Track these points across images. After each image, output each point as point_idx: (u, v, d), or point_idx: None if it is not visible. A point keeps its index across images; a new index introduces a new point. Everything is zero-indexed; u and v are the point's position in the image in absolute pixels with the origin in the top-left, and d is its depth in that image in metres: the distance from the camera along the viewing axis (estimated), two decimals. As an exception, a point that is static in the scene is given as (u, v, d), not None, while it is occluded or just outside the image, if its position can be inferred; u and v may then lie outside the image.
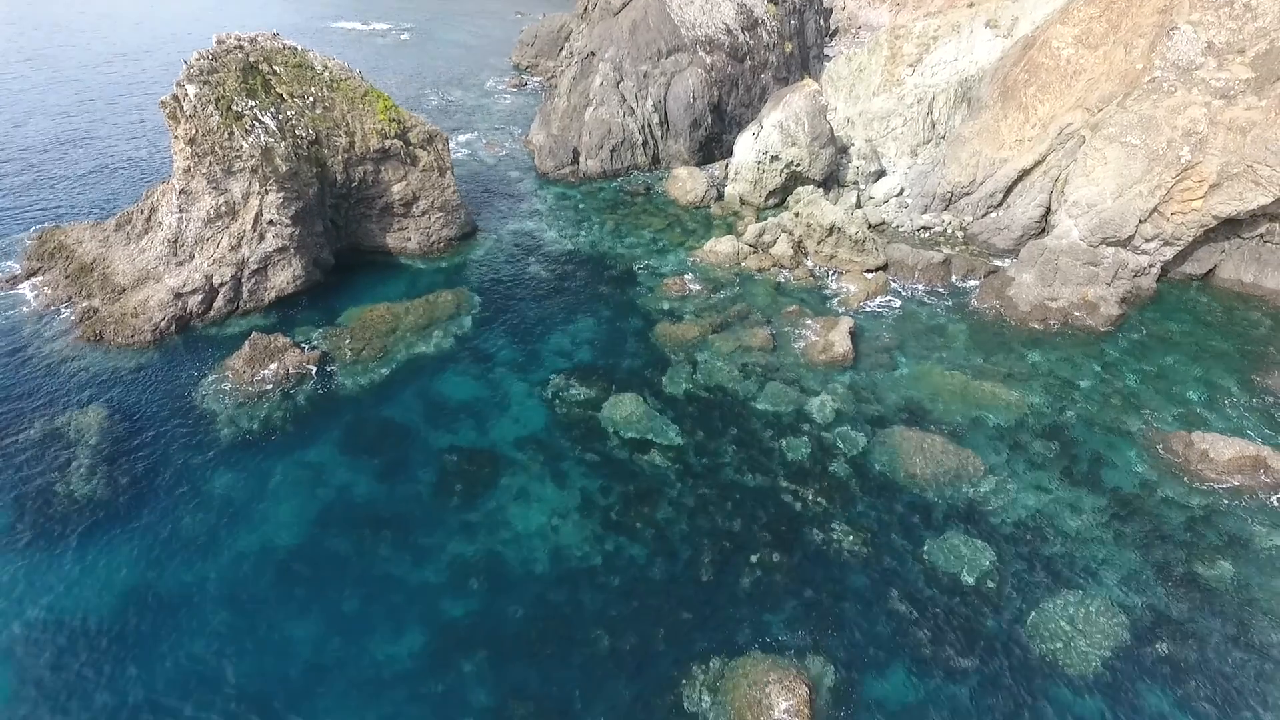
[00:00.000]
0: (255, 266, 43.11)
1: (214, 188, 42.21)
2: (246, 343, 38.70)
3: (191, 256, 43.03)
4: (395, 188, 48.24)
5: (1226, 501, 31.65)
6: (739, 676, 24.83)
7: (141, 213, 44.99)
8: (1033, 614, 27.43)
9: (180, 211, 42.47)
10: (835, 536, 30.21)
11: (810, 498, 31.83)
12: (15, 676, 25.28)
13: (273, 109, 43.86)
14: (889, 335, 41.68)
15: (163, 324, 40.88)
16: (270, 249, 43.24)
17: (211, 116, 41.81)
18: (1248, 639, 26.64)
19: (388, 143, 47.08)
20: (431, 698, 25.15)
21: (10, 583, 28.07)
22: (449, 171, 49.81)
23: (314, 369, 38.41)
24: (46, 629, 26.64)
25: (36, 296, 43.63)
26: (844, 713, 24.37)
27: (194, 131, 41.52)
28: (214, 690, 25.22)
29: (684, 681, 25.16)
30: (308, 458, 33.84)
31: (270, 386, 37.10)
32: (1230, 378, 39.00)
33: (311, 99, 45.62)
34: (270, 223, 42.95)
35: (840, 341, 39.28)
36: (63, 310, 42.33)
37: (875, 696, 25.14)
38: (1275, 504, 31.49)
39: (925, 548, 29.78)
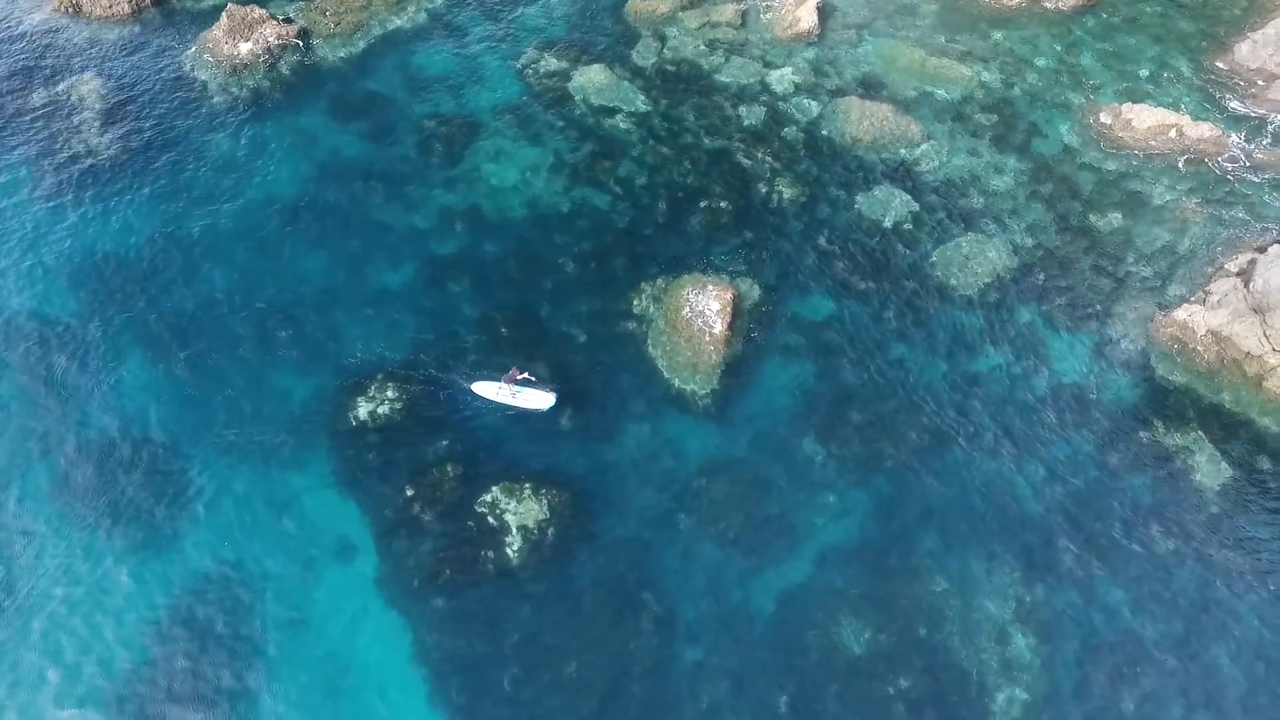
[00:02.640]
0: (220, -65, 43.17)
1: None
2: (224, 14, 40.38)
3: (153, -77, 43.00)
4: None
5: (1137, 165, 35.66)
6: (678, 287, 30.61)
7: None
8: (937, 251, 32.69)
9: None
10: (778, 189, 34.70)
11: (760, 156, 35.88)
12: (66, 299, 31.03)
13: None
14: (858, 13, 43.02)
15: (137, -5, 42.13)
16: (233, -85, 43.00)
17: None
18: (1112, 271, 32.07)
19: None
20: (426, 310, 31.14)
21: (39, 227, 33.00)
22: None
23: (300, 43, 40.46)
24: (85, 265, 31.98)
25: (1, -32, 44.22)
26: (766, 309, 30.58)
27: None
28: (241, 307, 31.15)
29: (634, 294, 31.05)
30: (299, 123, 37.35)
31: (255, 58, 39.46)
32: (1184, 58, 41.12)
33: None
34: (229, -116, 42.29)
35: (806, 17, 40.90)
36: (33, -19, 43.27)
37: (793, 309, 31.14)
38: (1181, 166, 35.50)
39: (857, 199, 34.41)
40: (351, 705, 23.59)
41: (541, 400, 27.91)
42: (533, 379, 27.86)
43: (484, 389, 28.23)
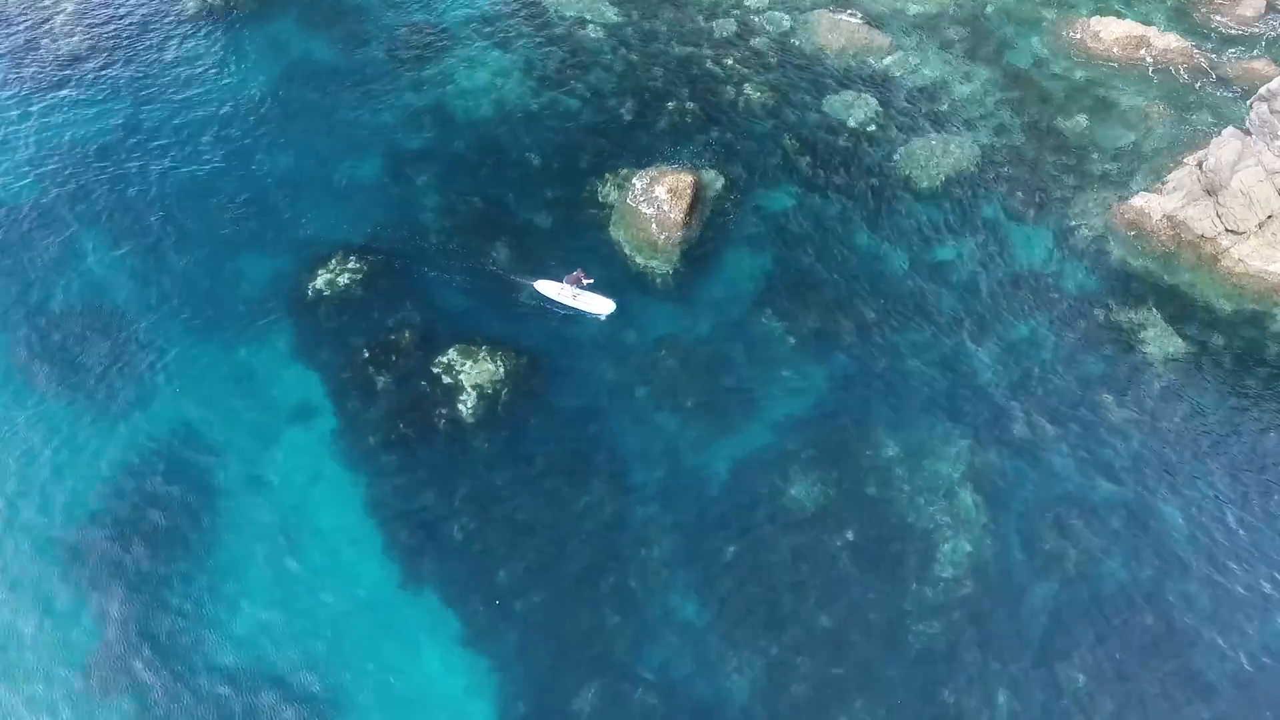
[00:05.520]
0: None
1: None
2: (198, -72, 41.30)
3: None
4: None
5: (1106, 74, 36.52)
6: (640, 174, 31.40)
7: None
8: (903, 149, 33.55)
9: None
10: (747, 93, 35.58)
11: (730, 64, 36.78)
12: (33, 185, 31.87)
13: None
14: (835, -64, 43.98)
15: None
16: None
17: None
18: (1076, 168, 32.91)
19: None
20: (392, 199, 32.01)
21: (7, 116, 33.88)
22: None
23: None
24: (53, 153, 32.89)
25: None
26: (730, 199, 31.56)
27: None
28: (205, 194, 32.05)
29: (598, 184, 31.91)
30: (270, 30, 38.23)
31: (227, -31, 40.39)
32: (1157, -21, 42.09)
33: None
34: None
35: (782, -64, 41.79)
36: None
37: (757, 201, 32.02)
38: (1149, 76, 36.34)
39: (823, 102, 35.28)
40: (306, 557, 24.26)
41: (601, 305, 28.21)
42: (591, 282, 28.07)
43: (546, 288, 28.55)
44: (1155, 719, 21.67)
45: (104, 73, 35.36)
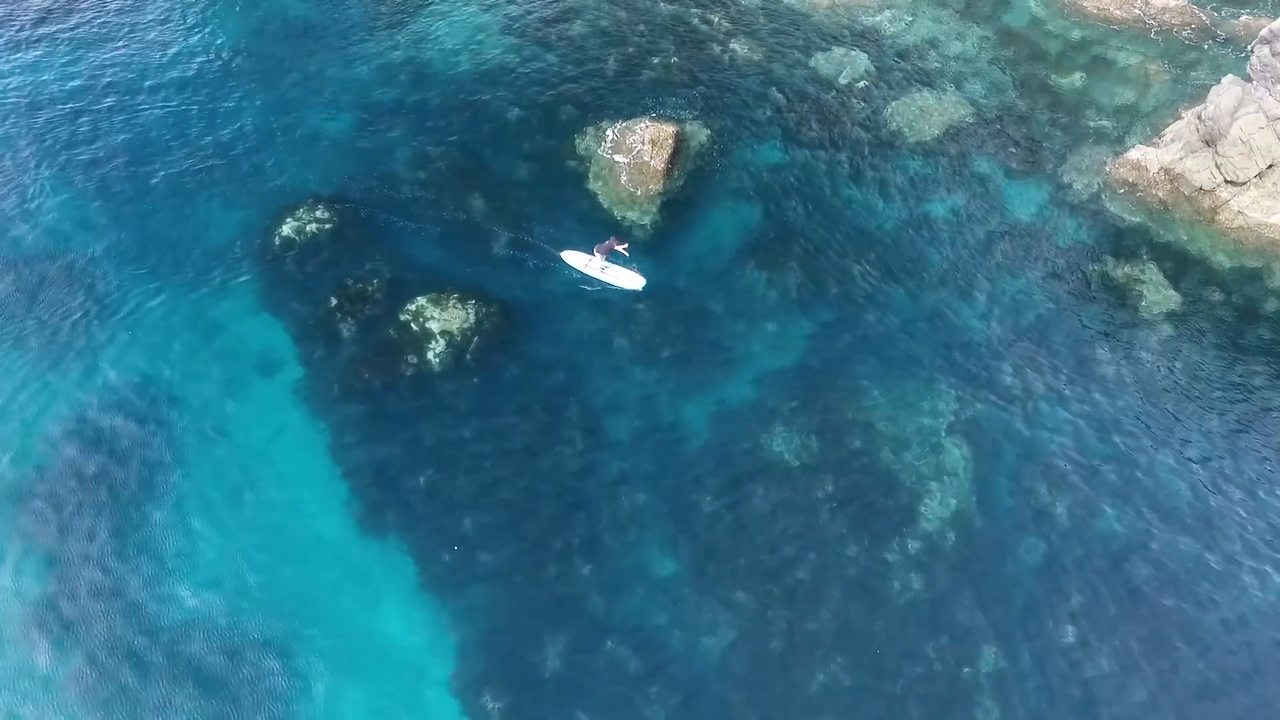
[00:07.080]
0: None
1: None
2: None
3: None
4: None
5: (1102, 32, 35.81)
6: (620, 125, 30.81)
7: None
8: (893, 106, 32.95)
9: None
10: (734, 49, 34.99)
11: (716, 21, 36.19)
12: (11, 143, 31.28)
13: None
14: (828, -101, 43.45)
15: None
16: None
17: None
18: (1071, 125, 32.31)
19: None
20: (363, 152, 31.43)
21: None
22: None
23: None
24: (17, 104, 32.37)
25: None
26: (715, 152, 31.04)
27: None
28: (172, 146, 31.49)
29: (578, 137, 31.30)
30: (243, -16, 37.69)
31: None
32: (1158, -56, 41.51)
33: None
34: None
35: (773, -105, 41.25)
36: None
37: (742, 156, 31.41)
38: (1147, 35, 35.73)
39: (812, 59, 34.69)
40: (269, 507, 23.62)
41: (631, 280, 27.21)
42: (626, 254, 26.83)
43: (573, 259, 27.62)
44: (1146, 675, 21.05)
45: (73, 28, 34.79)
